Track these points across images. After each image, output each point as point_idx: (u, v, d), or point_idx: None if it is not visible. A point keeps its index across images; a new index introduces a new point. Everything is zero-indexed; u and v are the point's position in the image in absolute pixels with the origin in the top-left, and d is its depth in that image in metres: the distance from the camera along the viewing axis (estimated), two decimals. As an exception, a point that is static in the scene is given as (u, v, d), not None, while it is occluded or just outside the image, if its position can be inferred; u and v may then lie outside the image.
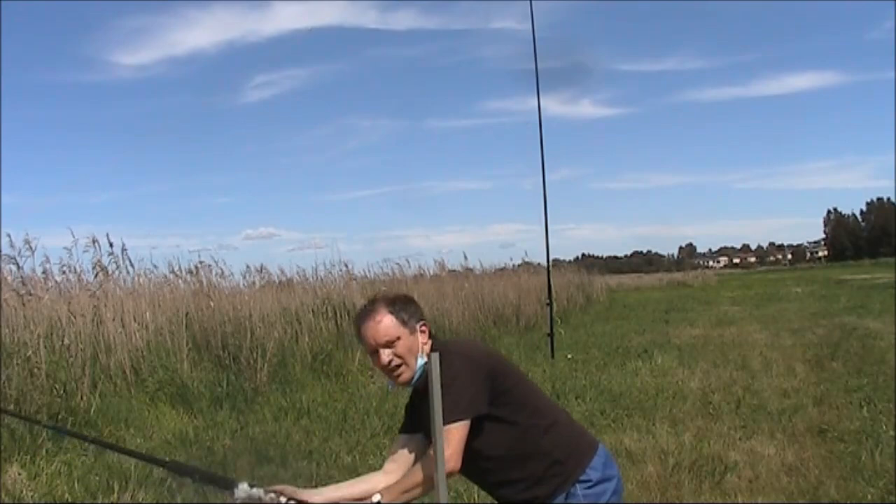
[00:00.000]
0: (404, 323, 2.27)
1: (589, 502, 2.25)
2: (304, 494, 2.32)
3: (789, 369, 9.21)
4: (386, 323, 2.26)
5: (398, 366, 2.26)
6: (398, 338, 2.26)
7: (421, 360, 2.25)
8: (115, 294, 8.86)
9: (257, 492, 2.22)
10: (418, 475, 2.19)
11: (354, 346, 11.05)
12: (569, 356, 10.95)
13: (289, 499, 2.25)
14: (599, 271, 44.64)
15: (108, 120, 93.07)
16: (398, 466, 2.35)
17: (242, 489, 2.21)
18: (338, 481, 5.33)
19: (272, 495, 2.21)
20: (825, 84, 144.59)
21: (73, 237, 8.72)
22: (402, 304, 2.31)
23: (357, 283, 13.63)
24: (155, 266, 10.37)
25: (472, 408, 2.19)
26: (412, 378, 2.28)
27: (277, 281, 12.99)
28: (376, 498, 2.16)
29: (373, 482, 2.34)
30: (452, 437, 2.13)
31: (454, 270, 17.31)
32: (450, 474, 2.13)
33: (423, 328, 2.32)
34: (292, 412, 7.72)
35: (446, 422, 2.09)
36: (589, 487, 2.27)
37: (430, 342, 2.32)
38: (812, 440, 5.89)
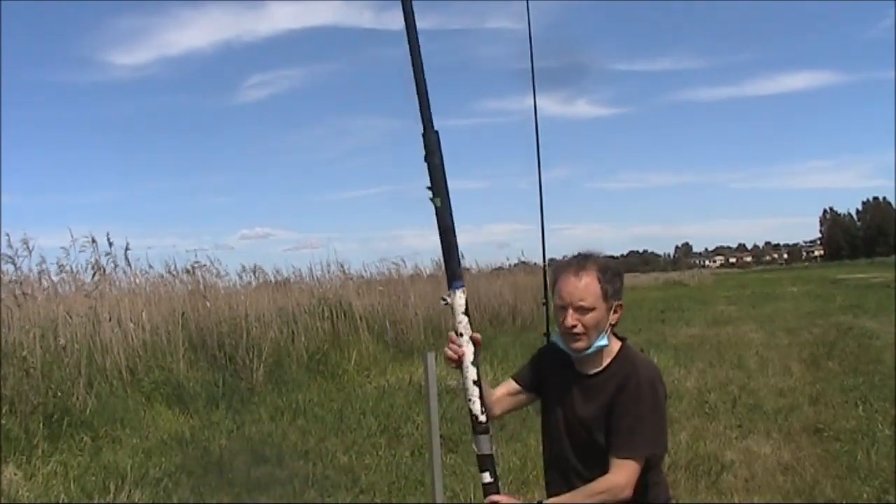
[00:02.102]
0: (606, 296, 2.14)
1: None
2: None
3: (785, 368, 9.22)
4: (590, 288, 2.12)
5: (579, 334, 2.14)
6: (594, 308, 2.12)
7: (602, 340, 2.14)
8: (111, 294, 8.84)
9: (464, 324, 2.07)
10: (601, 490, 2.08)
11: (351, 346, 11.05)
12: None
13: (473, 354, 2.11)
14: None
15: (104, 120, 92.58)
16: (502, 407, 2.36)
17: (459, 300, 2.07)
18: (334, 482, 5.35)
19: (454, 334, 2.09)
20: (821, 83, 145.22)
21: (72, 237, 8.72)
22: (612, 276, 2.16)
23: (353, 283, 13.62)
24: (151, 266, 10.36)
25: (660, 446, 2.14)
26: (585, 349, 2.15)
27: (273, 281, 12.98)
28: None
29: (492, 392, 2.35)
30: (633, 469, 2.07)
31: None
32: (623, 502, 2.09)
33: (619, 309, 2.18)
34: (288, 412, 7.71)
35: (639, 452, 2.07)
36: None
37: (617, 324, 2.21)
38: (808, 439, 5.90)
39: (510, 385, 2.39)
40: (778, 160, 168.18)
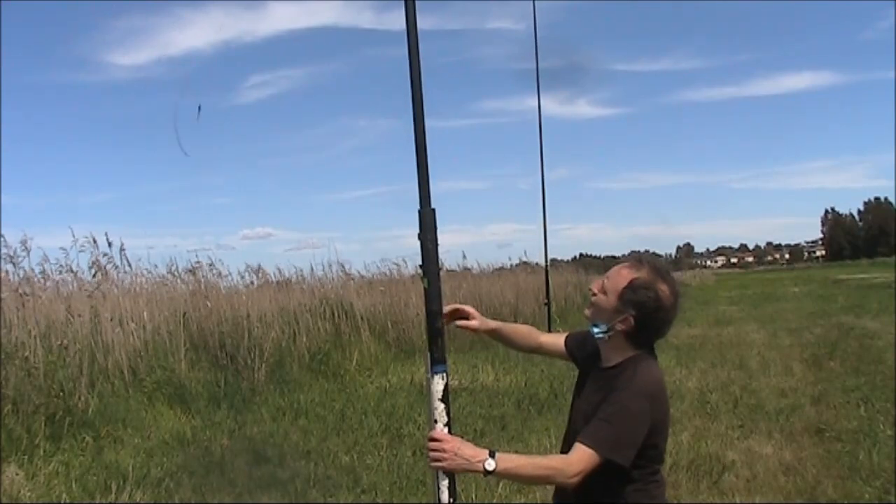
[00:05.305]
0: (620, 297, 2.21)
1: None
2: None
3: (787, 369, 9.22)
4: (620, 276, 2.24)
5: (591, 300, 2.30)
6: (605, 294, 2.24)
7: (598, 329, 2.25)
8: (113, 294, 8.85)
9: (439, 410, 2.19)
10: (551, 466, 2.14)
11: (352, 346, 11.06)
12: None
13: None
14: (597, 271, 44.59)
15: (105, 120, 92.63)
16: (535, 348, 2.61)
17: (437, 385, 2.14)
18: (336, 482, 5.36)
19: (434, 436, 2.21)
20: (822, 84, 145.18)
21: (74, 237, 8.74)
22: (640, 290, 2.20)
23: (354, 283, 13.63)
24: (154, 266, 10.38)
25: (622, 454, 2.11)
26: (588, 319, 2.30)
27: (275, 281, 12.98)
28: (490, 465, 2.07)
29: (531, 332, 2.62)
30: (587, 461, 2.07)
31: (452, 270, 17.32)
32: (563, 484, 2.15)
33: (624, 321, 2.20)
34: (290, 412, 7.72)
35: (596, 445, 2.07)
36: None
37: (622, 336, 2.22)
38: (809, 440, 5.90)
39: (559, 339, 2.59)
40: (779, 160, 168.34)
